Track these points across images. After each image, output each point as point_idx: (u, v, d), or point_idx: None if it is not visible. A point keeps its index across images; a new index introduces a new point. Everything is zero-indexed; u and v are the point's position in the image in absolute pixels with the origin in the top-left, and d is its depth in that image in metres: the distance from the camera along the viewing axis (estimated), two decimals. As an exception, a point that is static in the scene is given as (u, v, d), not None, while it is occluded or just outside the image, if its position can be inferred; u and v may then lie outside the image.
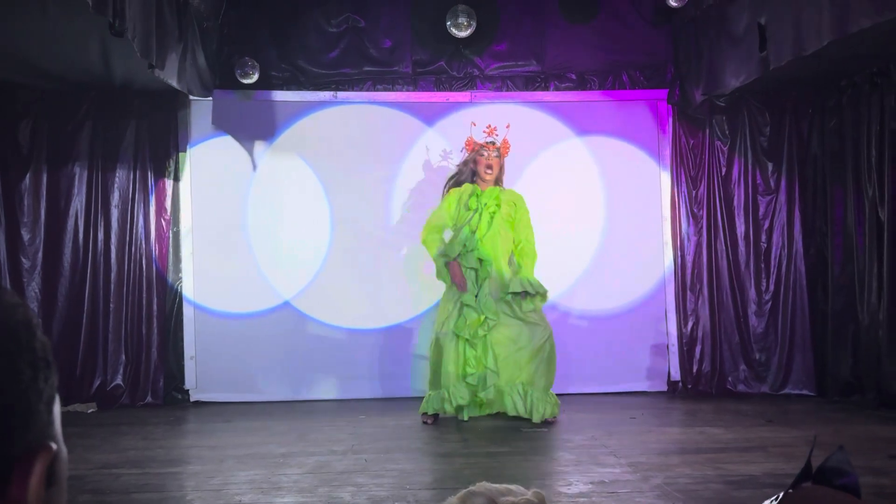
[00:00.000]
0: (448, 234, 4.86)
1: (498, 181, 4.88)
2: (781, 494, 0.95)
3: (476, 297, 4.63)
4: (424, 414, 4.65)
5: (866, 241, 5.01)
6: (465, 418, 4.60)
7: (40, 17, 3.82)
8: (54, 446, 0.58)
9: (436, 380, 4.65)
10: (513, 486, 0.86)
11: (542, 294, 4.68)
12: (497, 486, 0.86)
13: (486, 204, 4.75)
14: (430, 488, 3.24)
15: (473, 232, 4.69)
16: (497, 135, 4.91)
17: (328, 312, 5.55)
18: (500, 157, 4.88)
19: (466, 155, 4.94)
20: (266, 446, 4.08)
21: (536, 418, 4.53)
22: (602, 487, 3.19)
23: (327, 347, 5.54)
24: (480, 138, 4.91)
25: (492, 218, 4.72)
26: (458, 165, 5.04)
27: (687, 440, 4.17)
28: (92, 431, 4.51)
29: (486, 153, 4.82)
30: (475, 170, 4.85)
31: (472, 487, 0.87)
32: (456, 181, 4.91)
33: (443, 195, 4.93)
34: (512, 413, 4.58)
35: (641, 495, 3.09)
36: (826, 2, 3.72)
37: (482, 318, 4.58)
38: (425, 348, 5.03)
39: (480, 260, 4.67)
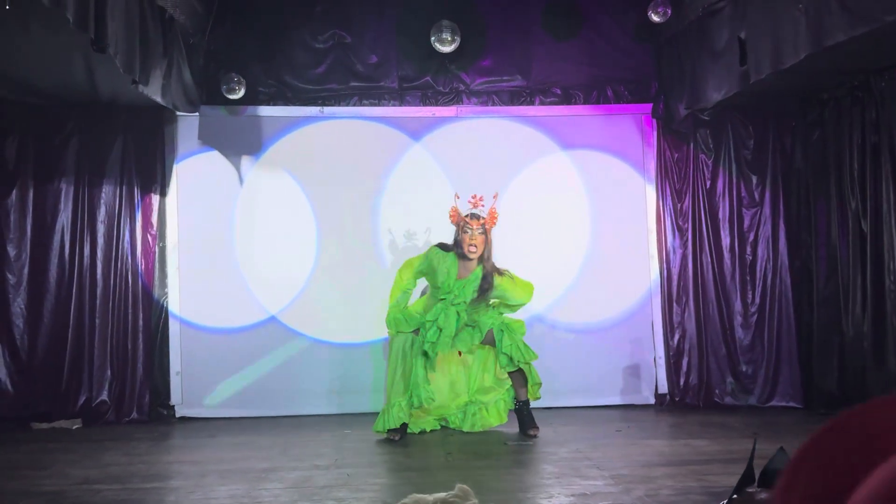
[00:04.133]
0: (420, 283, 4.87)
1: (484, 259, 4.62)
2: (726, 501, 0.96)
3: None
4: (389, 430, 4.56)
5: (850, 253, 5.03)
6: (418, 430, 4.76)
7: (23, 33, 3.83)
8: None
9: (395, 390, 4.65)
10: (441, 494, 0.88)
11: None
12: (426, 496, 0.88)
13: (455, 299, 4.57)
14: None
15: (441, 329, 4.53)
16: (483, 205, 4.63)
17: (315, 327, 5.54)
18: (486, 231, 4.60)
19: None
20: (249, 461, 4.06)
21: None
22: (583, 500, 3.19)
23: (314, 362, 5.53)
24: (465, 209, 4.63)
25: (458, 316, 4.56)
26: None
27: (672, 453, 4.16)
28: (75, 447, 4.48)
29: (469, 231, 4.56)
30: (461, 247, 4.61)
31: (404, 500, 0.89)
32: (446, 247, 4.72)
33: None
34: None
35: (622, 507, 3.08)
36: (802, 17, 3.76)
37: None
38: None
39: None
